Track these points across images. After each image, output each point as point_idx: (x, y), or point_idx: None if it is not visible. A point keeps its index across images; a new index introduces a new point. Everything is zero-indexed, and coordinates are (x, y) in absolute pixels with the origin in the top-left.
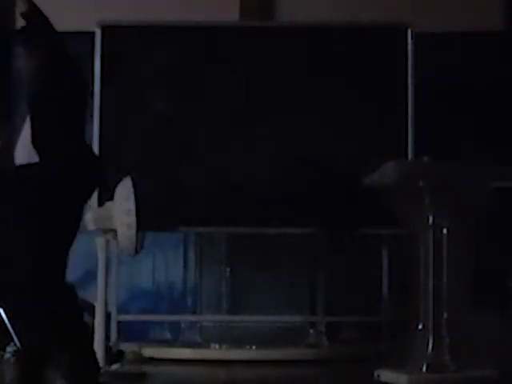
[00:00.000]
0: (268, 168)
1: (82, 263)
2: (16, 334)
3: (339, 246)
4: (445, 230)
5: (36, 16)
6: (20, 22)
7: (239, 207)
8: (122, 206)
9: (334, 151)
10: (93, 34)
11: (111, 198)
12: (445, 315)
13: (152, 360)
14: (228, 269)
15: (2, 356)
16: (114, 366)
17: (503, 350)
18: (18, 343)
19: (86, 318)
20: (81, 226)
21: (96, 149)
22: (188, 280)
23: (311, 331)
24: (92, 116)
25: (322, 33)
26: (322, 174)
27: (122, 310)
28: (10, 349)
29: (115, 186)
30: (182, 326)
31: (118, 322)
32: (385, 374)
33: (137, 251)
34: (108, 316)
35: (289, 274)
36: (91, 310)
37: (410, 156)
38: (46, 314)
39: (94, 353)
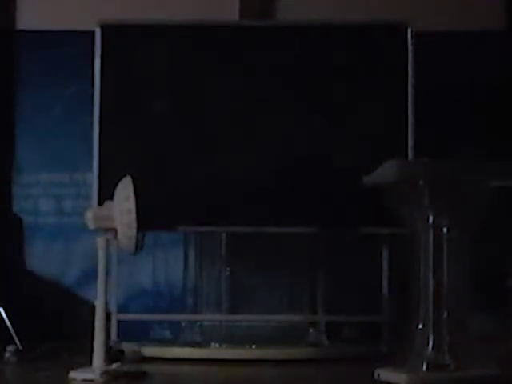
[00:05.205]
0: (268, 168)
1: (81, 263)
2: None
3: (339, 246)
4: (445, 230)
5: None
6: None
7: (239, 207)
8: (122, 205)
9: (334, 151)
10: (93, 33)
11: (111, 198)
12: (445, 315)
13: (152, 359)
14: (228, 269)
15: (2, 356)
16: (114, 366)
17: (503, 350)
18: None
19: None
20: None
21: (96, 149)
22: (188, 280)
23: (311, 330)
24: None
25: (322, 32)
26: (322, 174)
27: (121, 309)
28: (9, 348)
29: (115, 185)
30: (182, 325)
31: (118, 322)
32: (385, 374)
33: (137, 251)
34: (108, 316)
35: (289, 273)
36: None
37: (410, 156)
38: None
39: None
